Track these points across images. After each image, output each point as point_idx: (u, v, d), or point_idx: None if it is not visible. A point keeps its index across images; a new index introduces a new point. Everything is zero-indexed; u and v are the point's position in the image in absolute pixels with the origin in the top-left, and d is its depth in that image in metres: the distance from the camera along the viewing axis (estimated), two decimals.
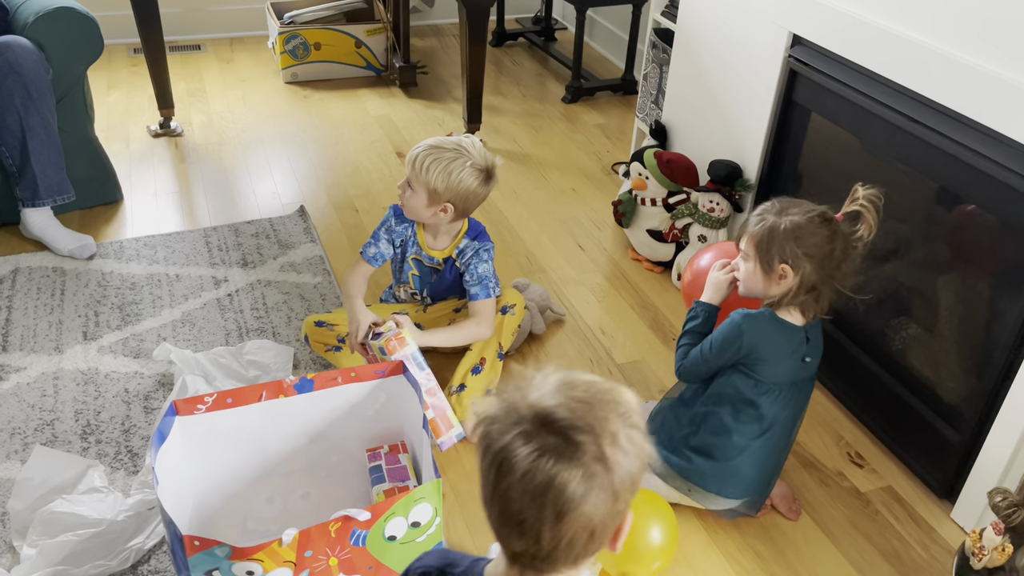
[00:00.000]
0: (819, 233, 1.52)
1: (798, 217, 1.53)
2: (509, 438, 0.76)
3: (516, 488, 0.75)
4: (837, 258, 1.54)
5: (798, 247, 1.52)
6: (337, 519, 1.28)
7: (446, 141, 1.81)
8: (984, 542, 1.46)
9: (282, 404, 1.58)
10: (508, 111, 3.54)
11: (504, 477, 0.76)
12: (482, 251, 1.92)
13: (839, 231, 1.54)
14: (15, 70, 2.25)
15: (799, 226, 1.52)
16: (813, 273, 1.53)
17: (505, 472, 0.76)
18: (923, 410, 1.83)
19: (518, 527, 0.77)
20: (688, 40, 2.49)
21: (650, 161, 2.46)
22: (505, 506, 0.77)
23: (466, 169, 1.79)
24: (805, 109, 2.06)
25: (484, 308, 1.92)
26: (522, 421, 0.77)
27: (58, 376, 2.00)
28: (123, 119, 3.25)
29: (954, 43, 1.60)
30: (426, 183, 1.79)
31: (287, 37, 3.58)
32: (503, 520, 0.79)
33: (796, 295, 1.56)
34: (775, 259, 1.53)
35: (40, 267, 2.37)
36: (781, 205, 1.57)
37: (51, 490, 1.65)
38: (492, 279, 1.93)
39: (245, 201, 2.78)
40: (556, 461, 0.74)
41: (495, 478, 0.77)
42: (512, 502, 0.76)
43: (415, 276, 2.00)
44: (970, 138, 1.59)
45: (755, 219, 1.58)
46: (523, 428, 0.76)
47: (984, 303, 1.69)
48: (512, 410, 0.78)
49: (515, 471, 0.75)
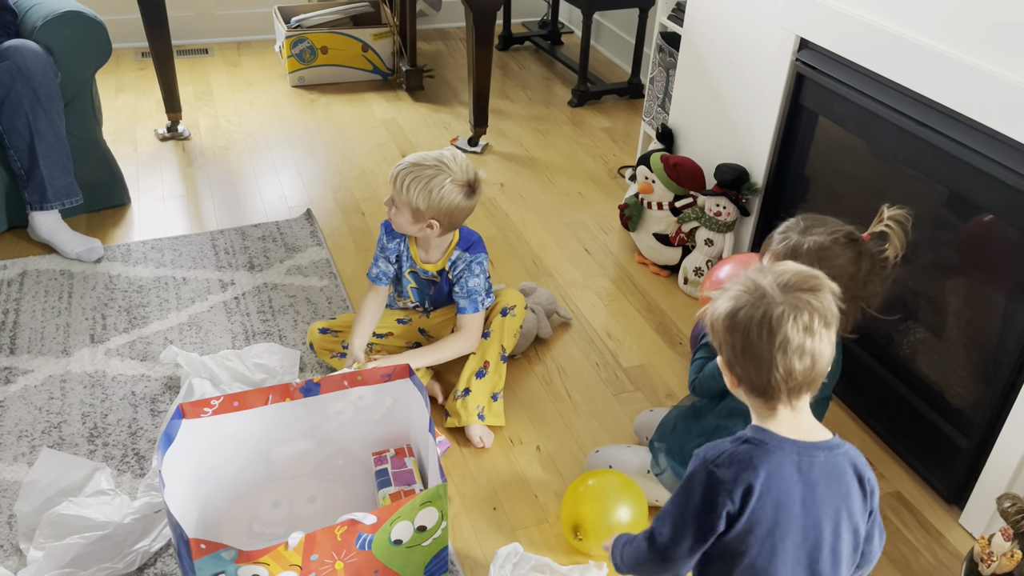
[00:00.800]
0: (844, 255, 1.47)
1: (822, 237, 1.48)
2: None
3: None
4: (862, 279, 1.48)
5: (822, 268, 1.49)
6: (343, 523, 1.28)
7: (427, 158, 1.79)
8: (993, 548, 1.46)
9: (288, 407, 1.58)
10: (514, 115, 3.54)
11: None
12: (474, 264, 1.91)
13: (865, 251, 1.49)
14: (24, 74, 2.26)
15: (823, 247, 1.47)
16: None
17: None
18: (931, 415, 1.82)
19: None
20: (695, 44, 2.49)
21: (657, 165, 2.45)
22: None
23: (447, 186, 1.76)
24: (812, 113, 2.06)
25: (471, 322, 1.92)
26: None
27: (65, 379, 2.00)
28: (131, 123, 3.26)
29: (962, 46, 1.59)
30: (408, 202, 1.77)
31: (294, 41, 3.59)
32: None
33: None
34: None
35: (48, 270, 2.38)
36: (806, 223, 1.52)
37: (58, 492, 1.65)
38: (481, 293, 1.92)
39: (252, 204, 2.79)
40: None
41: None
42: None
43: (414, 289, 2.01)
44: (978, 142, 1.59)
45: (779, 237, 1.53)
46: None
47: (993, 307, 1.68)
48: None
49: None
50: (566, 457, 1.87)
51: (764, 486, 1.01)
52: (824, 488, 1.04)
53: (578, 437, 1.92)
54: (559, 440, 1.92)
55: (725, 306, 1.04)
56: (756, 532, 1.03)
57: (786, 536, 1.03)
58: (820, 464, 1.04)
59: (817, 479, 1.03)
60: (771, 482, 1.01)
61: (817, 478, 1.03)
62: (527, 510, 1.73)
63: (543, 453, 1.88)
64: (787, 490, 1.02)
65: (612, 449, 1.78)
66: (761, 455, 1.03)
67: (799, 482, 1.03)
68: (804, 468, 1.03)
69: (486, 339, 1.95)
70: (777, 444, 1.03)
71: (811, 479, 1.03)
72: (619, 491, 1.62)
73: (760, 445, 1.04)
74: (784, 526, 1.03)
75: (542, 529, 1.69)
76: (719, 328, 1.06)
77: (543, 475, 1.82)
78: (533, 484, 1.80)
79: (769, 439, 1.04)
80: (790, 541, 1.03)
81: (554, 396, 2.04)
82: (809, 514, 1.04)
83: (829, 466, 1.04)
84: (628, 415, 1.99)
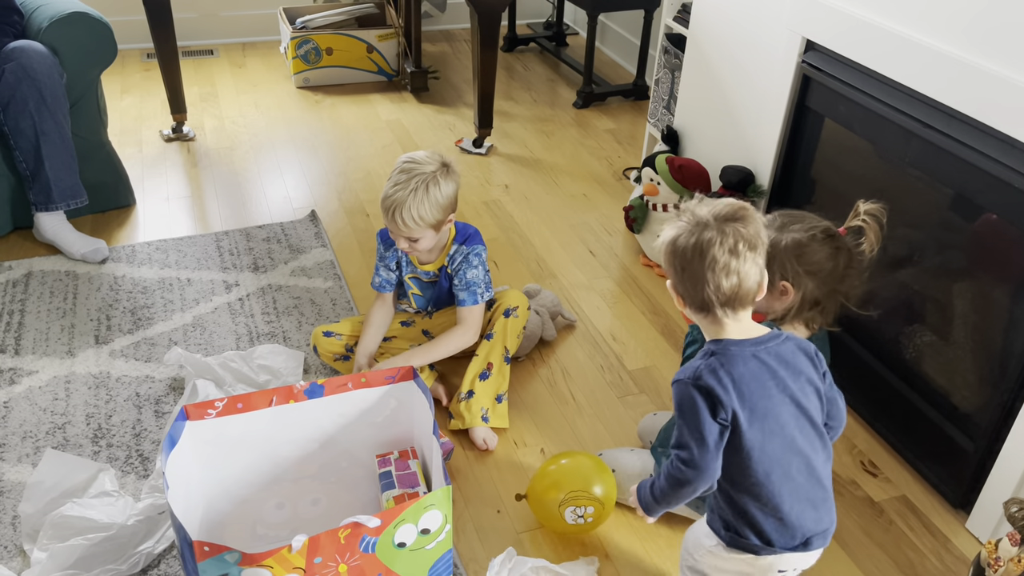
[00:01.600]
0: (821, 251, 1.50)
1: (799, 234, 1.51)
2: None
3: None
4: (840, 273, 1.52)
5: (799, 265, 1.50)
6: (347, 525, 1.27)
7: (400, 178, 1.76)
8: (1000, 553, 1.45)
9: (292, 409, 1.58)
10: (519, 116, 3.54)
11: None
12: (471, 256, 1.91)
13: (842, 246, 1.52)
14: (29, 75, 2.26)
15: (800, 243, 1.50)
16: (816, 289, 1.51)
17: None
18: (937, 419, 1.81)
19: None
20: (700, 45, 2.48)
21: (662, 166, 2.45)
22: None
23: (439, 182, 1.76)
24: (818, 115, 2.05)
25: (471, 314, 1.91)
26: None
27: (70, 380, 2.01)
28: (136, 124, 3.27)
29: (968, 48, 1.59)
30: (425, 223, 1.77)
31: (299, 42, 3.59)
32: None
33: (799, 311, 1.53)
34: (776, 276, 1.50)
35: (53, 271, 2.38)
36: (782, 220, 1.55)
37: (62, 494, 1.65)
38: (481, 284, 1.91)
39: (256, 205, 2.79)
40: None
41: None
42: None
43: (416, 295, 2.01)
44: (985, 143, 1.58)
45: None
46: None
47: (1000, 311, 1.67)
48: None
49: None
50: None
51: (741, 379, 1.18)
52: (784, 369, 1.21)
53: (582, 440, 1.92)
54: (563, 443, 1.91)
55: (669, 234, 1.22)
56: (752, 418, 1.18)
57: (773, 414, 1.20)
58: (773, 352, 1.21)
59: (777, 364, 1.21)
60: (745, 374, 1.18)
61: (776, 363, 1.21)
62: (531, 513, 1.73)
63: (547, 456, 1.87)
64: (758, 377, 1.19)
65: (615, 452, 1.78)
66: (726, 358, 1.19)
67: (764, 369, 1.20)
68: (763, 357, 1.21)
69: (489, 341, 1.95)
70: (735, 345, 1.20)
71: (771, 365, 1.20)
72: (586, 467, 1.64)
73: (722, 351, 1.20)
74: (768, 406, 1.19)
75: (546, 532, 1.69)
76: (666, 253, 1.23)
77: None
78: None
79: (727, 345, 1.21)
80: (775, 419, 1.20)
81: (558, 399, 2.04)
82: (784, 391, 1.20)
83: (781, 351, 1.22)
84: (632, 418, 1.98)
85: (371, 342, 1.95)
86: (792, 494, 1.22)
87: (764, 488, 1.20)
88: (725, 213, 1.19)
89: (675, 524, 1.71)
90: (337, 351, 2.01)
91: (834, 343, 2.08)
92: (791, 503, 1.22)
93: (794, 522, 1.23)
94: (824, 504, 1.26)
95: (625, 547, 1.66)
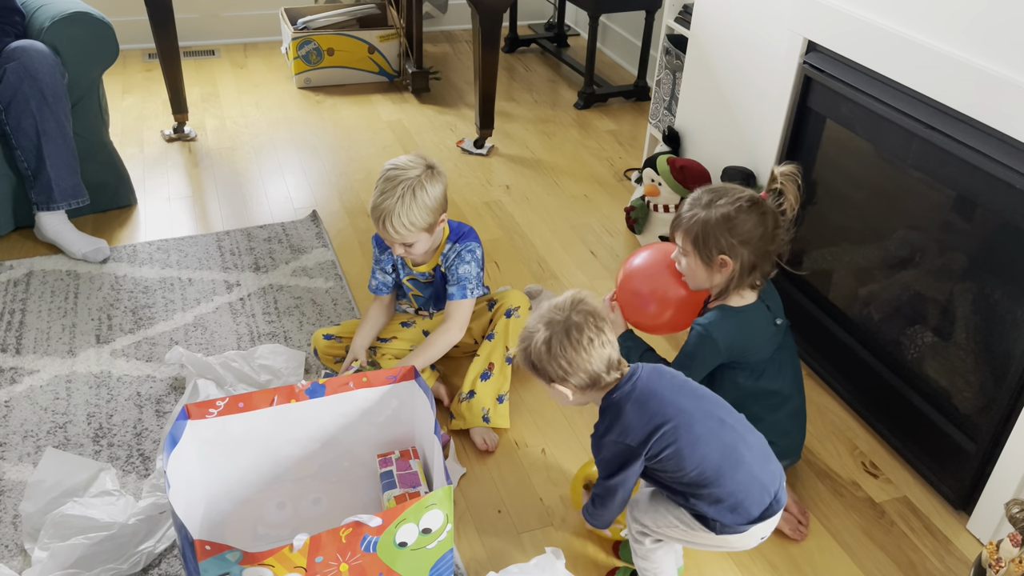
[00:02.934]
0: (749, 219, 1.57)
1: (726, 208, 1.57)
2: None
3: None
4: (770, 235, 1.59)
5: (732, 237, 1.57)
6: (348, 524, 1.27)
7: (387, 186, 1.75)
8: (1001, 554, 1.44)
9: (294, 409, 1.58)
10: (520, 117, 3.54)
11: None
12: (464, 252, 1.90)
13: (768, 210, 1.59)
14: (31, 74, 2.26)
15: (729, 216, 1.57)
16: (750, 255, 1.58)
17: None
18: (939, 420, 1.81)
19: None
20: (702, 46, 2.49)
21: (663, 167, 2.45)
22: None
23: (425, 186, 1.75)
24: (820, 115, 2.05)
25: (458, 309, 1.89)
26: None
27: (71, 379, 2.01)
28: (137, 124, 3.27)
29: (970, 49, 1.59)
30: (417, 228, 1.76)
31: (301, 43, 3.59)
32: None
33: (740, 279, 1.60)
34: (713, 251, 1.58)
35: (54, 270, 2.38)
36: (708, 197, 1.61)
37: (63, 493, 1.65)
38: (472, 280, 1.90)
39: (258, 206, 2.79)
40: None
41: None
42: None
43: (416, 296, 2.01)
44: (987, 144, 1.58)
45: (687, 215, 1.62)
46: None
47: (1001, 312, 1.67)
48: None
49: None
50: (571, 461, 1.86)
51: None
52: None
53: (583, 441, 1.92)
54: (564, 443, 1.91)
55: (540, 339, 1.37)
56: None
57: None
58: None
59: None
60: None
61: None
62: (531, 513, 1.73)
63: (548, 456, 1.87)
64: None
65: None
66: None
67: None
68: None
69: (490, 341, 1.95)
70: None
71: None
72: None
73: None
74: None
75: (546, 532, 1.69)
76: (543, 357, 1.36)
77: (548, 478, 1.81)
78: (538, 487, 1.79)
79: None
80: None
81: None
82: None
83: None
84: None
85: (368, 336, 1.95)
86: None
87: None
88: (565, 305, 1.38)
89: None
90: (337, 354, 2.01)
91: (836, 344, 2.08)
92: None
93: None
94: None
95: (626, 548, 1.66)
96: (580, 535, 1.69)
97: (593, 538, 1.68)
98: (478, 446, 1.87)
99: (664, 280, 1.70)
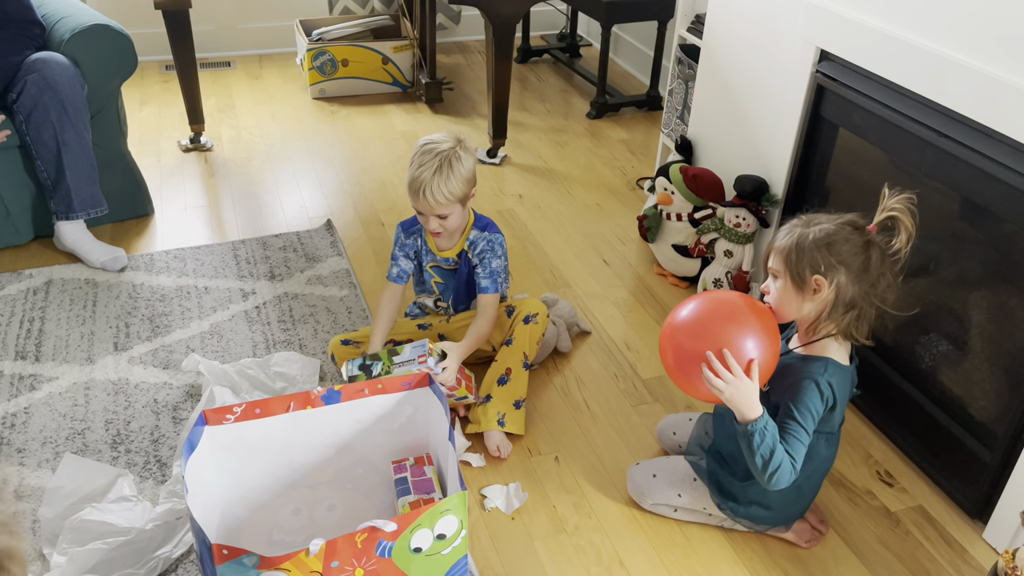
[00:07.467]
0: (852, 240, 1.43)
1: (827, 225, 1.44)
2: None
3: None
4: (874, 269, 1.43)
5: (830, 255, 1.42)
6: (364, 530, 1.28)
7: (424, 158, 1.83)
8: (1017, 563, 1.44)
9: (309, 415, 1.59)
10: (533, 127, 3.56)
11: None
12: (496, 245, 1.96)
13: (873, 241, 1.44)
14: (51, 86, 2.30)
15: (829, 233, 1.43)
16: (850, 285, 1.43)
17: None
18: (954, 428, 1.80)
19: None
20: (714, 55, 2.50)
21: (676, 176, 2.46)
22: None
23: (456, 158, 1.84)
24: (833, 124, 2.06)
25: (491, 302, 1.95)
26: None
27: (89, 386, 2.03)
28: (155, 134, 3.30)
29: (983, 57, 1.59)
30: (455, 196, 1.84)
31: (315, 54, 3.62)
32: None
33: (834, 311, 1.45)
34: (807, 270, 1.43)
35: (73, 279, 2.41)
36: (808, 217, 1.50)
37: (81, 498, 1.67)
38: (503, 274, 1.97)
39: (273, 215, 2.81)
40: None
41: None
42: None
43: (438, 283, 2.03)
44: (1001, 152, 1.58)
45: (782, 234, 1.50)
46: None
47: (1016, 320, 1.67)
48: None
49: None
50: (584, 468, 1.86)
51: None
52: None
53: (596, 448, 1.92)
54: (577, 451, 1.91)
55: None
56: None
57: None
58: None
59: None
60: None
61: None
62: (545, 520, 1.73)
63: (561, 464, 1.88)
64: None
65: (653, 463, 1.77)
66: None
67: None
68: None
69: (508, 347, 1.96)
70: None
71: None
72: None
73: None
74: None
75: (560, 539, 1.69)
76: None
77: (561, 486, 1.82)
78: (551, 495, 1.80)
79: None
80: None
81: (572, 407, 2.04)
82: None
83: None
84: (647, 426, 1.98)
85: (383, 331, 1.97)
86: None
87: None
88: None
89: (688, 531, 1.71)
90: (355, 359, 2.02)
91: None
92: None
93: None
94: None
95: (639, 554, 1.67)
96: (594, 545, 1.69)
97: (606, 547, 1.68)
98: (491, 452, 1.88)
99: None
